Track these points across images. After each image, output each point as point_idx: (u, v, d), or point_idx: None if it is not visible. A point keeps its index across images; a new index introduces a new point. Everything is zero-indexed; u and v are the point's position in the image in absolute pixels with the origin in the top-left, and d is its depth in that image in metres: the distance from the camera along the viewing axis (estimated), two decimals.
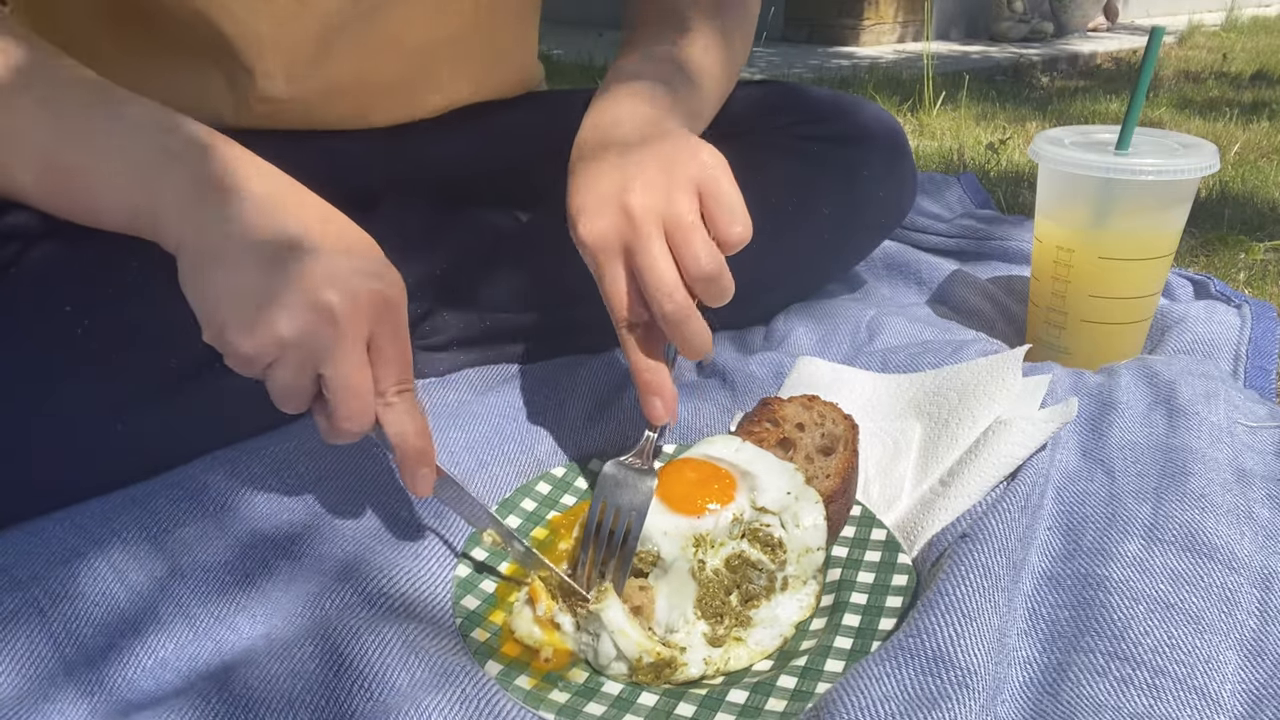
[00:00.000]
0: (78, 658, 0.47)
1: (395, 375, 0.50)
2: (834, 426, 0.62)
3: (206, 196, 0.50)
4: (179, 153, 0.51)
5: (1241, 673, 0.47)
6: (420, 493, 0.53)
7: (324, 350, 0.47)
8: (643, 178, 0.56)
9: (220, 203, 0.49)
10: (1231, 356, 0.82)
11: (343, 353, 0.48)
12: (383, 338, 0.49)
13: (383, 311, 0.49)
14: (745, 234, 0.56)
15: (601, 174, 0.58)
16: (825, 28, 3.69)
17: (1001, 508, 0.56)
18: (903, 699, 0.43)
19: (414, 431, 0.51)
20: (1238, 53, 3.35)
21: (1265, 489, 0.61)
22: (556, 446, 0.67)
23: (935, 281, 1.01)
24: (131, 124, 0.52)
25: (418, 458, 0.52)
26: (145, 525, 0.55)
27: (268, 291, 0.47)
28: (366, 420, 0.50)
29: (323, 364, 0.48)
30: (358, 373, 0.49)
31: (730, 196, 0.56)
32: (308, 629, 0.49)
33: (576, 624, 0.50)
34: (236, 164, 0.51)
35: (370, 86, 0.74)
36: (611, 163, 0.58)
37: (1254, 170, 1.56)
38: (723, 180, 0.56)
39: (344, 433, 0.50)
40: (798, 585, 0.54)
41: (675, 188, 0.56)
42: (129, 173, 0.51)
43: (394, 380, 0.50)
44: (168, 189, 0.50)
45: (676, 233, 0.55)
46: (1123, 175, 0.74)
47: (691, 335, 0.55)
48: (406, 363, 0.51)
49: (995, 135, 1.82)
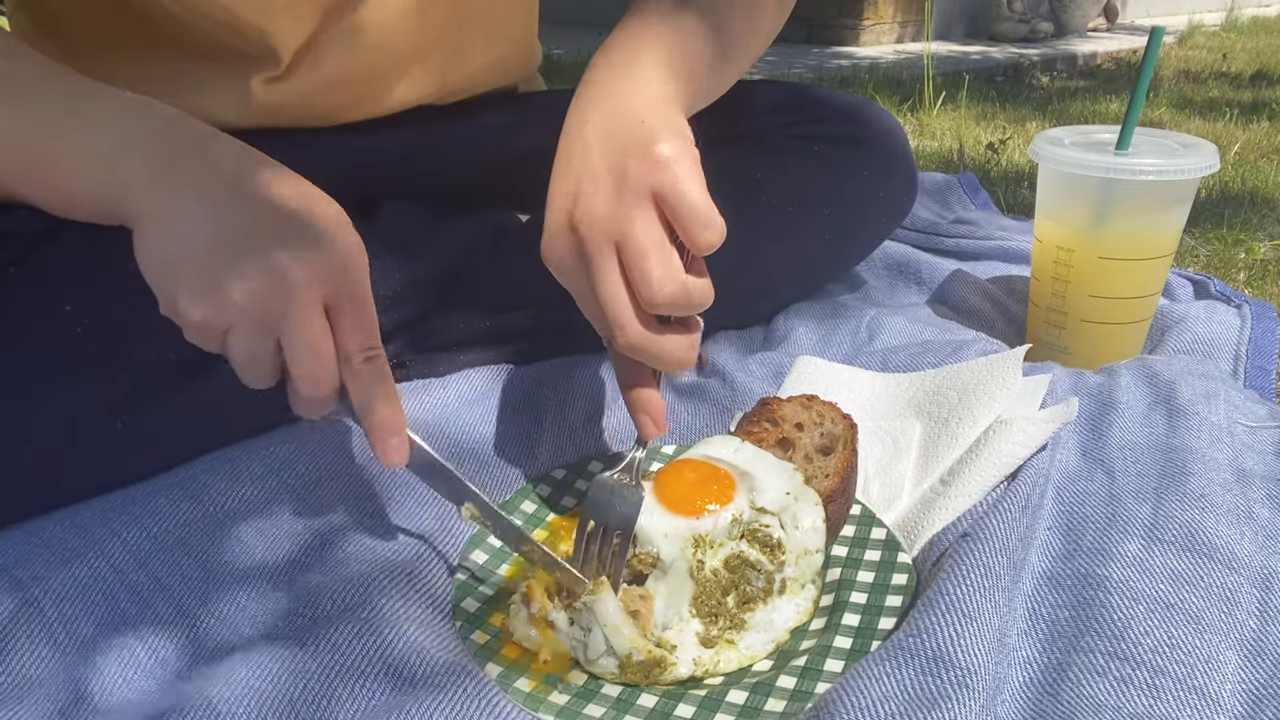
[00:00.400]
0: (78, 658, 0.47)
1: (359, 340, 0.48)
2: (833, 426, 0.62)
3: (163, 170, 0.49)
4: (140, 134, 0.50)
5: (1241, 673, 0.47)
6: (392, 462, 0.50)
7: (277, 314, 0.46)
8: (592, 189, 0.51)
9: (175, 173, 0.48)
10: (1231, 356, 0.82)
11: (297, 315, 0.46)
12: (342, 300, 0.48)
13: (339, 273, 0.47)
14: (715, 237, 0.50)
15: (560, 181, 0.53)
16: (825, 28, 3.69)
17: (1002, 508, 0.56)
18: (903, 699, 0.43)
19: (381, 397, 0.49)
20: (1238, 53, 3.35)
21: (1265, 489, 0.61)
22: (557, 447, 0.67)
23: (935, 281, 1.00)
24: (95, 109, 0.51)
25: (385, 425, 0.49)
26: (145, 525, 0.55)
27: (218, 256, 0.45)
28: (328, 384, 0.48)
29: (279, 329, 0.46)
30: (314, 334, 0.47)
31: (693, 197, 0.50)
32: (307, 630, 0.49)
33: (570, 619, 0.50)
34: (197, 139, 0.50)
35: (369, 74, 0.74)
36: (572, 166, 0.53)
37: (1254, 170, 1.56)
38: (682, 180, 0.50)
39: (307, 400, 0.48)
40: (796, 589, 0.54)
41: (627, 200, 0.50)
42: (93, 157, 0.50)
43: (358, 345, 0.48)
44: (127, 169, 0.49)
45: (626, 256, 0.50)
46: (1123, 175, 0.74)
47: (663, 357, 0.52)
48: (370, 327, 0.49)
49: (995, 135, 1.83)
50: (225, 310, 0.45)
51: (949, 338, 0.83)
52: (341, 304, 0.48)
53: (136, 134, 0.50)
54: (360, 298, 0.48)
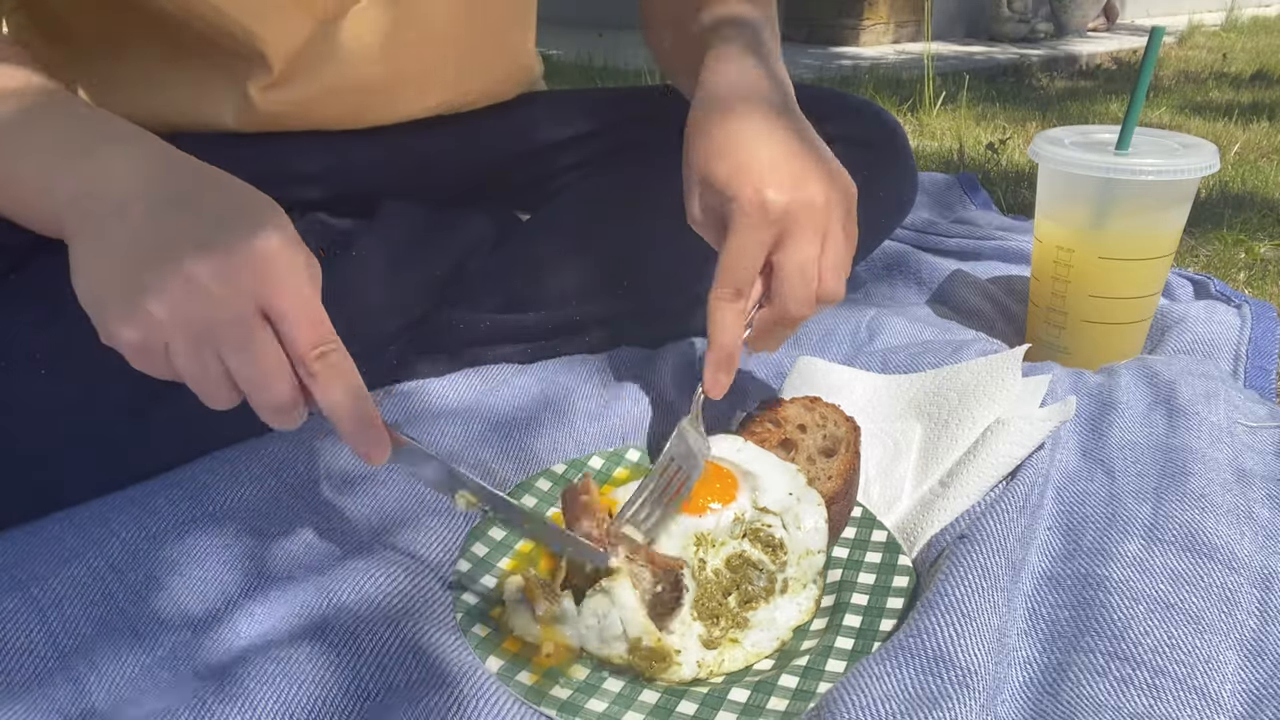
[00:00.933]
0: (77, 657, 0.47)
1: (306, 339, 0.45)
2: (836, 428, 0.62)
3: (94, 186, 0.46)
4: (78, 147, 0.49)
5: (1241, 673, 0.47)
6: (374, 460, 0.48)
7: (206, 325, 0.43)
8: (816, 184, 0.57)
9: (104, 189, 0.46)
10: (1231, 356, 0.82)
11: (227, 326, 0.43)
12: (275, 302, 0.44)
13: (268, 271, 0.44)
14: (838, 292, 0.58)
15: (783, 156, 0.57)
16: (825, 28, 3.68)
17: (999, 508, 0.56)
18: (903, 698, 0.43)
19: (344, 393, 0.46)
20: (1238, 53, 3.35)
21: (1265, 489, 0.61)
22: (557, 444, 0.67)
23: (935, 281, 1.00)
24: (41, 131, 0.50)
25: (357, 423, 0.46)
26: (145, 525, 0.55)
27: (140, 274, 0.43)
28: (281, 393, 0.45)
29: (215, 342, 0.44)
30: (249, 342, 0.44)
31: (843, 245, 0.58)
32: (306, 630, 0.49)
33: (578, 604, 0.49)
34: (131, 150, 0.48)
35: (369, 86, 0.74)
36: (790, 149, 0.58)
37: (1254, 170, 1.56)
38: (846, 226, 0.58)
39: (269, 411, 0.46)
40: (797, 589, 0.54)
41: (833, 214, 0.57)
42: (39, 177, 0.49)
43: (307, 345, 0.45)
44: (62, 186, 0.47)
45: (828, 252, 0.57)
46: (1123, 175, 0.74)
47: (784, 339, 0.60)
48: (316, 324, 0.45)
49: (995, 135, 1.83)
50: (152, 328, 0.44)
51: (949, 338, 0.83)
52: (277, 307, 0.45)
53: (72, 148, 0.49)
54: (296, 298, 0.45)
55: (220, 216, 0.45)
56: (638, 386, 0.74)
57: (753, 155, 0.57)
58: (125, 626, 0.49)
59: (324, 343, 0.46)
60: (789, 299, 0.56)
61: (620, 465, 0.65)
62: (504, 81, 0.84)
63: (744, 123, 0.59)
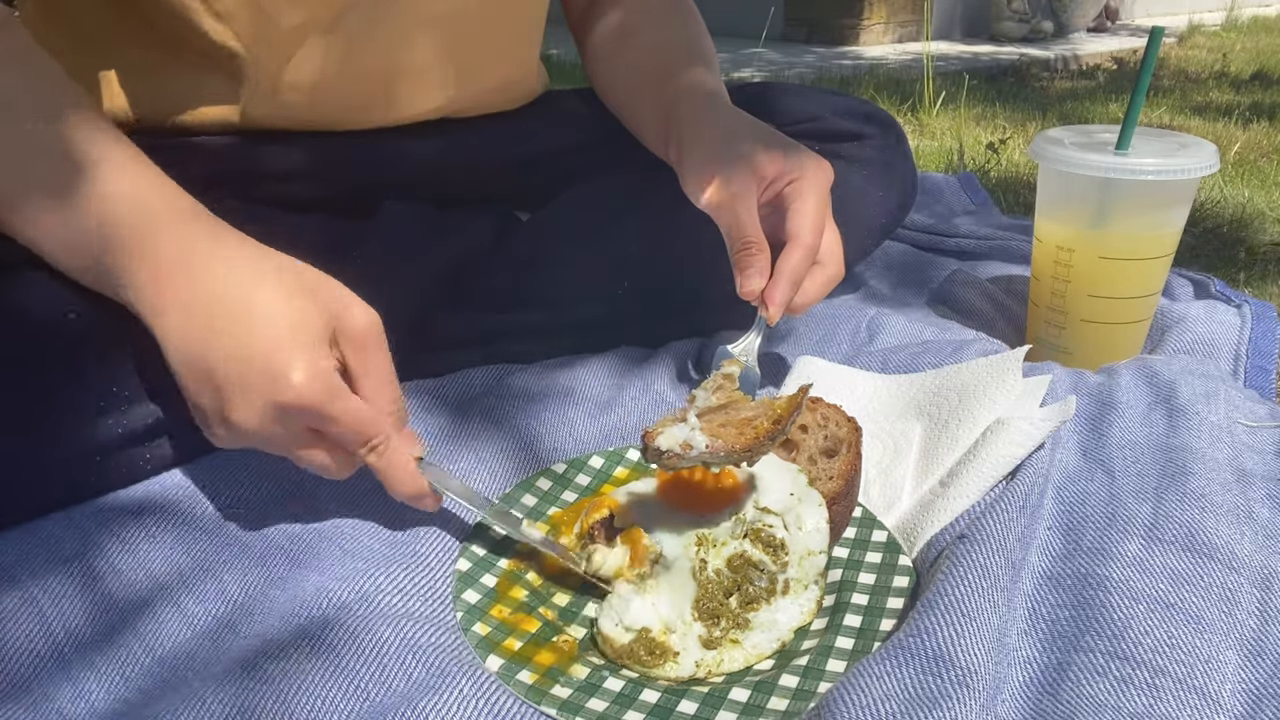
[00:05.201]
0: (77, 657, 0.47)
1: (354, 441, 0.52)
2: (837, 429, 0.62)
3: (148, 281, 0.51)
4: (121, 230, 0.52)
5: (1241, 673, 0.47)
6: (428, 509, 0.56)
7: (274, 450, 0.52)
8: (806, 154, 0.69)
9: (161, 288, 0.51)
10: (1231, 356, 0.82)
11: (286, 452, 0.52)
12: (319, 424, 0.51)
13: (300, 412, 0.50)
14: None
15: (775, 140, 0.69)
16: (825, 27, 3.68)
17: (999, 508, 0.56)
18: (903, 698, 0.43)
19: (396, 483, 0.54)
20: (1238, 53, 3.35)
21: (1265, 489, 0.61)
22: (557, 444, 0.67)
23: (935, 281, 1.01)
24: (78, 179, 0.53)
25: (410, 497, 0.55)
26: (145, 525, 0.55)
27: (214, 395, 0.50)
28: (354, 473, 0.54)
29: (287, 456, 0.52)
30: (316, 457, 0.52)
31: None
32: (306, 630, 0.49)
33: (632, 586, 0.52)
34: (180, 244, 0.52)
35: (367, 88, 0.74)
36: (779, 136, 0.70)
37: (1254, 170, 1.56)
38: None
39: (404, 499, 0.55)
40: (799, 590, 0.54)
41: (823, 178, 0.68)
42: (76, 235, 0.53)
43: (357, 445, 0.52)
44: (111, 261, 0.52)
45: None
46: (1123, 175, 0.74)
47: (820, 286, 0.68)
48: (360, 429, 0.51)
49: (995, 135, 1.83)
50: (238, 440, 0.51)
51: (949, 338, 0.83)
52: (320, 429, 0.51)
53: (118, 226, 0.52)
54: (330, 415, 0.50)
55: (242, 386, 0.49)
56: (638, 386, 0.74)
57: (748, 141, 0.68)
58: (124, 627, 0.49)
59: (373, 438, 0.52)
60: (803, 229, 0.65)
61: (620, 465, 0.65)
62: (506, 92, 0.84)
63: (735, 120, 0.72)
